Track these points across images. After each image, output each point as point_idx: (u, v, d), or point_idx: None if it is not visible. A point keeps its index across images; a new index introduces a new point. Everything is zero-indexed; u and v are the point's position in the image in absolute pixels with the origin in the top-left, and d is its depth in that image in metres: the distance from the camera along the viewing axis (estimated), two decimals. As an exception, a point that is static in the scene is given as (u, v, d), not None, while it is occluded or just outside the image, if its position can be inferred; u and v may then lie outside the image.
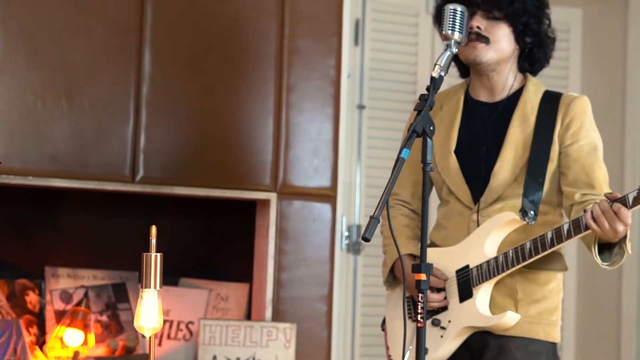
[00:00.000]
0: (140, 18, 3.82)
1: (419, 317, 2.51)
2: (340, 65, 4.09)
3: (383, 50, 4.63)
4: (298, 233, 4.00)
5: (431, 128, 2.54)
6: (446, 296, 2.95)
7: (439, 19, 2.93)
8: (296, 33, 4.01)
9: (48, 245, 4.06)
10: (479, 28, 2.92)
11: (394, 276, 3.07)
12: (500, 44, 2.95)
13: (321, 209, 4.04)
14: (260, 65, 3.97)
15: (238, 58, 3.94)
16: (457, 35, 2.69)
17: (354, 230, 4.49)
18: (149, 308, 2.22)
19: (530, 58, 3.02)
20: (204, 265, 4.24)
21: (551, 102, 2.98)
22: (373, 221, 2.40)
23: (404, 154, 2.49)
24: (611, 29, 4.85)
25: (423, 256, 2.52)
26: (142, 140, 3.80)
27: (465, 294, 2.91)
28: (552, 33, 3.03)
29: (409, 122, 3.02)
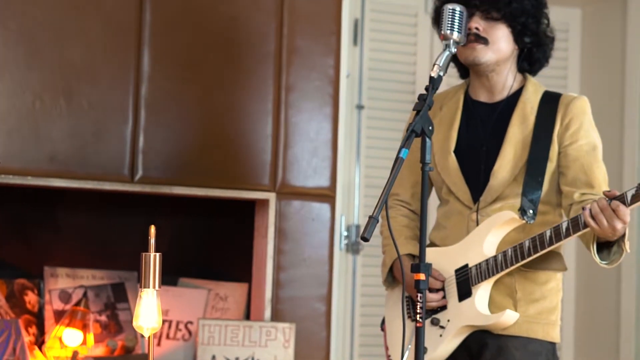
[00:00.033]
0: (139, 18, 3.82)
1: (418, 317, 2.51)
2: (339, 65, 4.09)
3: (382, 50, 4.63)
4: (297, 233, 4.00)
5: (430, 128, 2.54)
6: (445, 295, 2.95)
7: (437, 19, 2.93)
8: (295, 33, 4.01)
9: (47, 245, 4.06)
10: (477, 29, 2.92)
11: (393, 276, 3.07)
12: (499, 44, 2.95)
13: (320, 208, 4.03)
14: (259, 65, 3.96)
15: (237, 58, 3.94)
16: (456, 35, 2.69)
17: (353, 230, 4.49)
18: (148, 308, 2.22)
19: (530, 58, 3.02)
20: (203, 265, 4.24)
21: (550, 102, 2.98)
22: (372, 221, 2.40)
23: (403, 153, 2.49)
24: (610, 28, 4.85)
25: (422, 256, 2.52)
26: (141, 140, 3.79)
27: (464, 293, 2.91)
28: (551, 32, 3.03)
29: (408, 122, 3.02)
